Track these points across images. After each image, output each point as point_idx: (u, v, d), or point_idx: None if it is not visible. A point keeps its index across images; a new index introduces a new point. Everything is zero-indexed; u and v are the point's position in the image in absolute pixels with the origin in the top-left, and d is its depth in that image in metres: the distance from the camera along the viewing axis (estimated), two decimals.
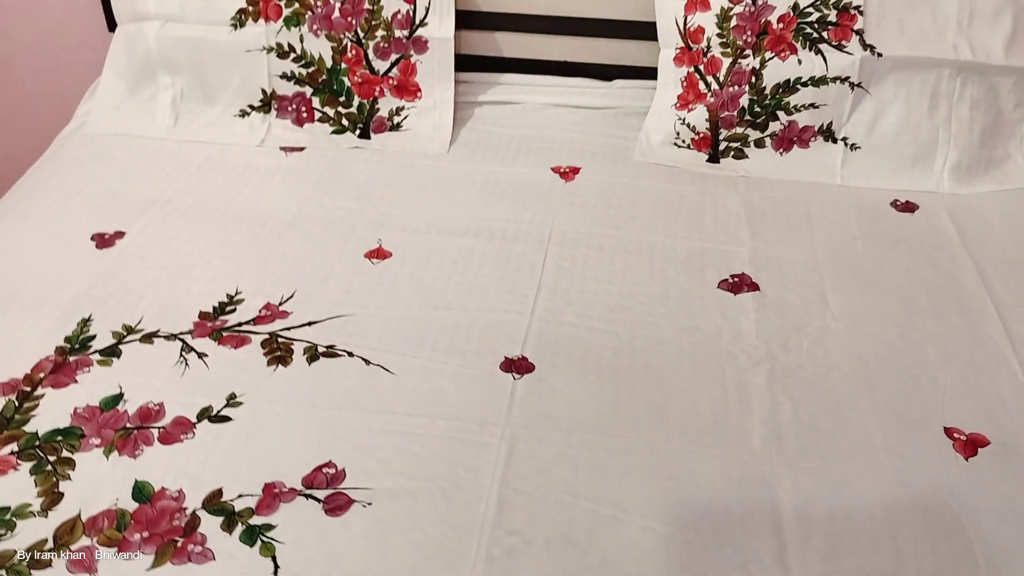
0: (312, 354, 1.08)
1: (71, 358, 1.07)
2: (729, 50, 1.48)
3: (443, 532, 0.86)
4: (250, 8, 1.52)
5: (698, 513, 0.88)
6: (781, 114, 1.49)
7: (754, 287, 1.22)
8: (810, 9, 1.45)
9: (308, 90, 1.56)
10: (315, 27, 1.52)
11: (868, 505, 0.89)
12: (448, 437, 0.96)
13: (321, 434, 0.96)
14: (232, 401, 1.01)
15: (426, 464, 0.93)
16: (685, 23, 1.51)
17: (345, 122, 1.57)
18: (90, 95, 1.68)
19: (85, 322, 1.12)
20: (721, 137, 1.52)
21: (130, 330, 1.11)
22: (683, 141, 1.53)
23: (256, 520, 0.87)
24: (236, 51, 1.53)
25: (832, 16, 1.44)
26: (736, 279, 1.24)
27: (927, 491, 0.91)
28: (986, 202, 1.44)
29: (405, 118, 1.57)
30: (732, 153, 1.52)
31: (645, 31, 1.60)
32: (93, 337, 1.10)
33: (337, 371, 1.05)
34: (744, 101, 1.49)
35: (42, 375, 1.04)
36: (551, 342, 1.10)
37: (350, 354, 1.08)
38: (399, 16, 1.53)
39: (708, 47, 1.50)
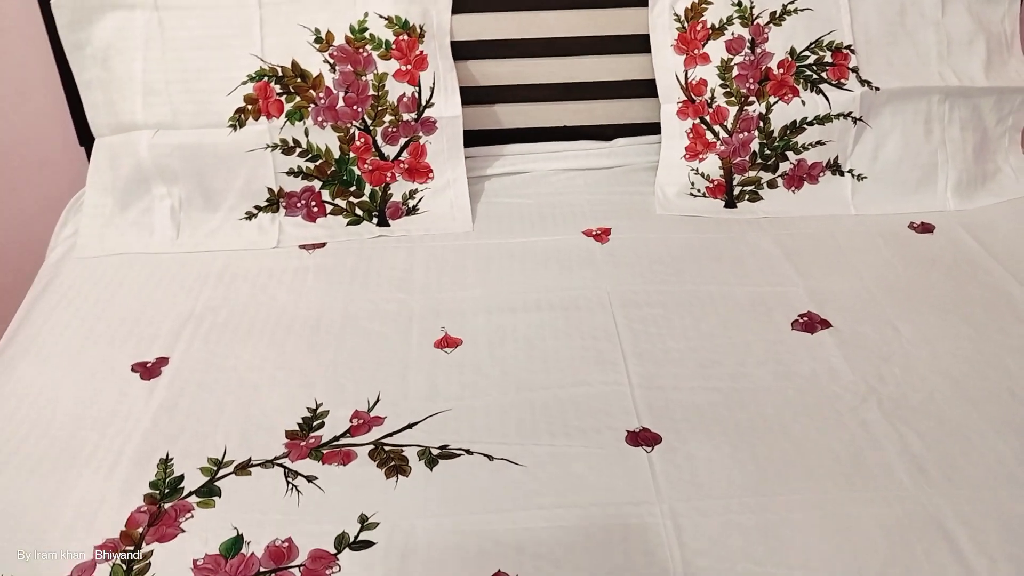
0: (429, 458, 1.02)
1: (165, 505, 0.97)
2: (734, 99, 1.53)
3: None
4: (249, 107, 1.46)
5: (882, 558, 0.87)
6: (790, 154, 1.54)
7: (826, 324, 1.24)
8: (806, 53, 1.51)
9: (317, 184, 1.51)
10: (320, 119, 1.48)
11: None
12: (609, 524, 0.92)
13: (479, 542, 0.90)
14: (367, 524, 0.94)
15: (600, 555, 0.89)
16: (686, 77, 1.55)
17: (359, 212, 1.52)
18: (68, 216, 1.57)
19: (165, 463, 1.02)
20: (735, 182, 1.55)
21: (219, 463, 1.02)
22: (698, 190, 1.56)
23: None
24: (238, 152, 1.47)
25: (828, 57, 1.51)
26: (806, 318, 1.25)
27: None
28: (991, 215, 1.52)
29: (420, 200, 1.54)
30: (748, 197, 1.56)
31: (639, 89, 1.63)
32: (181, 478, 1.01)
33: (463, 472, 1.00)
34: (755, 145, 1.54)
35: (140, 530, 0.94)
36: (663, 408, 1.08)
37: (468, 452, 1.02)
38: (404, 99, 1.51)
39: (712, 98, 1.54)
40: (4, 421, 1.08)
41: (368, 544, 0.91)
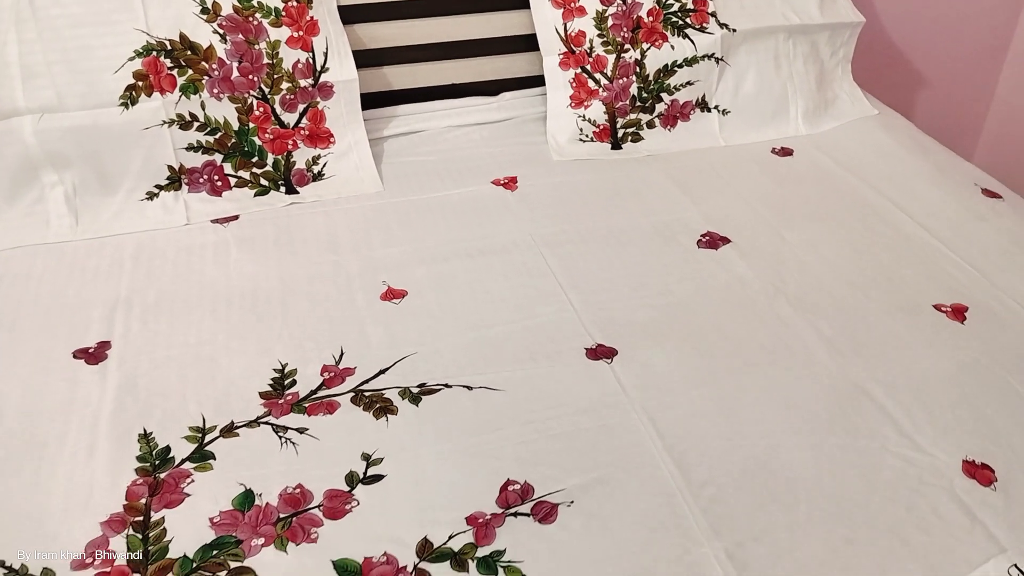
0: (411, 396, 1.07)
1: (161, 475, 0.97)
2: (611, 47, 1.65)
3: (653, 503, 0.93)
4: (140, 84, 1.42)
5: (824, 417, 1.03)
6: (664, 95, 1.69)
7: (726, 240, 1.40)
8: (671, 1, 1.65)
9: (218, 157, 1.50)
10: (215, 91, 1.47)
11: (940, 370, 1.10)
12: (594, 427, 1.02)
13: (482, 460, 0.98)
14: (371, 460, 0.99)
15: (593, 454, 0.99)
16: (566, 30, 1.66)
17: (265, 182, 1.52)
18: None
19: (146, 437, 1.02)
20: (619, 125, 1.68)
21: (202, 431, 1.03)
22: (586, 136, 1.68)
23: (483, 551, 0.88)
24: (133, 131, 1.43)
25: (689, 3, 1.66)
26: (707, 237, 1.40)
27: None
28: (836, 135, 1.74)
29: (325, 165, 1.56)
30: (631, 138, 1.69)
31: (521, 44, 1.72)
32: (168, 449, 1.01)
33: (447, 403, 1.06)
34: (633, 90, 1.67)
35: (144, 501, 0.94)
36: (610, 327, 1.19)
37: (447, 386, 1.09)
38: (300, 66, 1.52)
39: (591, 48, 1.66)
40: None
41: (379, 477, 0.96)
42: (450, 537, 0.89)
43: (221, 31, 1.46)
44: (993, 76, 2.26)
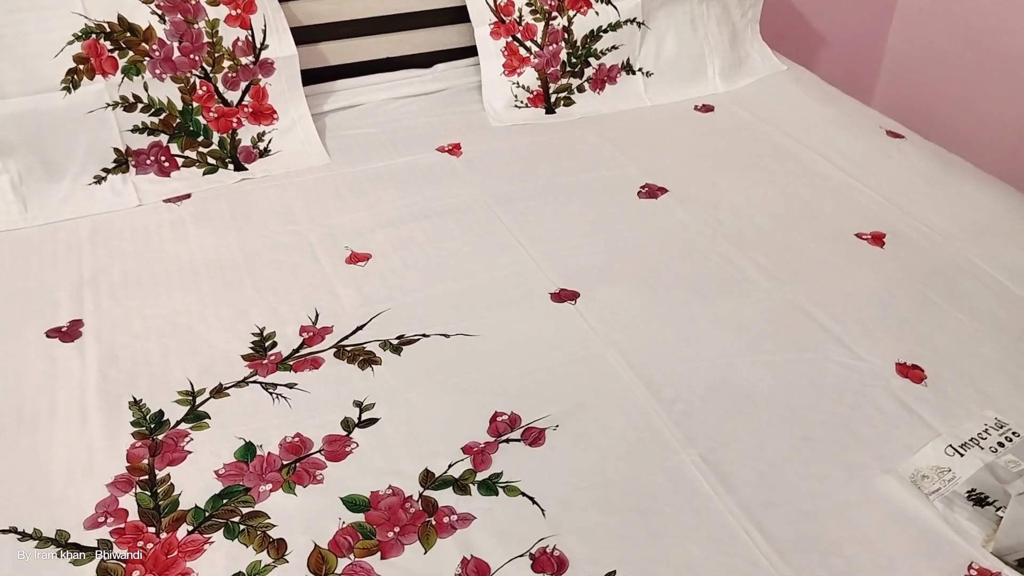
0: (392, 348, 1.13)
1: (159, 437, 1.01)
2: (539, 15, 1.73)
3: (630, 420, 1.01)
4: (81, 67, 1.43)
5: (771, 335, 1.14)
6: (592, 60, 1.78)
7: (663, 191, 1.50)
8: None
9: (164, 138, 1.51)
10: (157, 71, 1.48)
11: (868, 289, 1.22)
12: (568, 362, 1.10)
13: (469, 397, 1.05)
14: (364, 406, 1.04)
15: (571, 383, 1.07)
16: (495, 1, 1.72)
17: (212, 160, 1.54)
18: None
19: (137, 404, 1.05)
20: (551, 91, 1.76)
21: (191, 394, 1.07)
22: (521, 102, 1.76)
23: (482, 475, 0.95)
24: (76, 115, 1.43)
25: None
26: (646, 189, 1.50)
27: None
28: (751, 91, 1.87)
29: (270, 142, 1.59)
30: (563, 102, 1.78)
31: (451, 16, 1.78)
32: (161, 413, 1.04)
33: (428, 350, 1.12)
34: (563, 56, 1.75)
35: (146, 461, 0.98)
36: (569, 272, 1.27)
37: (425, 335, 1.15)
38: (240, 43, 1.54)
39: (520, 17, 1.73)
40: None
41: (373, 420, 1.02)
42: (450, 466, 0.96)
43: (159, 11, 1.47)
44: (883, 30, 2.44)
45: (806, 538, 0.88)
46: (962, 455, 0.97)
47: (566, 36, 1.74)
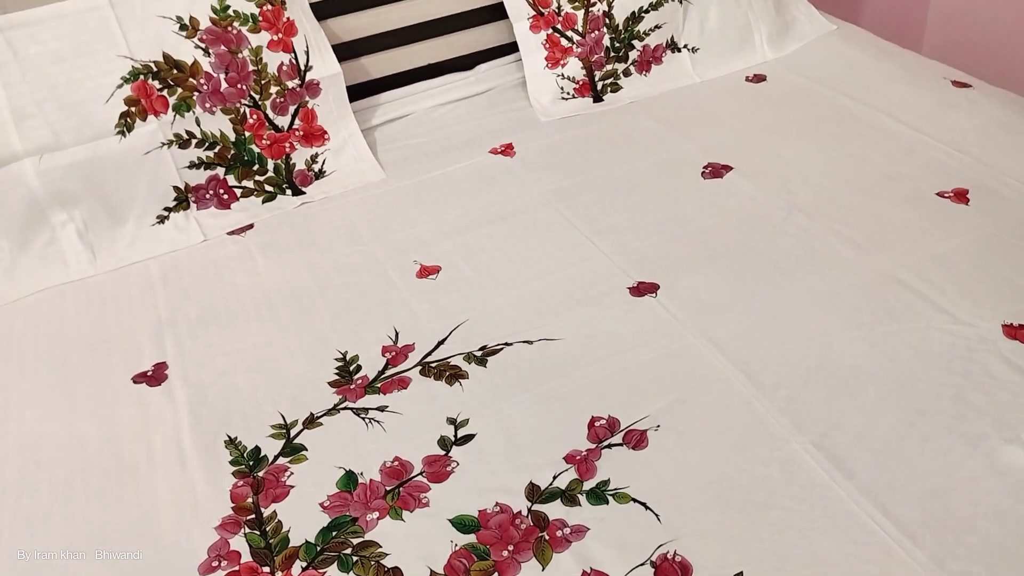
0: (477, 360, 1.12)
1: (259, 473, 1.00)
2: (579, 3, 1.69)
3: (733, 412, 0.98)
4: (132, 109, 1.43)
5: (868, 309, 1.10)
6: (635, 42, 1.74)
7: (728, 168, 1.46)
8: None
9: (220, 171, 1.51)
10: (207, 105, 1.48)
11: (960, 248, 1.17)
12: (659, 355, 1.08)
13: (562, 403, 1.03)
14: (458, 423, 1.03)
15: (665, 379, 1.04)
16: None
17: (269, 188, 1.54)
18: None
19: (232, 443, 1.05)
20: (597, 78, 1.73)
21: (285, 427, 1.06)
22: (568, 93, 1.72)
23: (589, 484, 0.93)
24: (133, 157, 1.44)
25: None
26: (709, 168, 1.46)
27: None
28: (801, 56, 1.81)
29: (324, 162, 1.58)
30: (610, 89, 1.74)
31: (488, 15, 1.75)
32: (258, 449, 1.04)
33: (513, 359, 1.11)
34: (606, 41, 1.72)
35: (250, 500, 0.97)
36: (643, 264, 1.25)
37: (507, 344, 1.13)
38: (284, 68, 1.53)
39: (559, 7, 1.70)
40: (31, 466, 1.04)
41: (470, 437, 1.00)
42: (554, 477, 0.94)
43: (203, 45, 1.47)
44: None
45: (935, 518, 0.85)
46: None
47: (607, 21, 1.70)
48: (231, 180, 1.52)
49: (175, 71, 1.45)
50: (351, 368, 1.14)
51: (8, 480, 1.03)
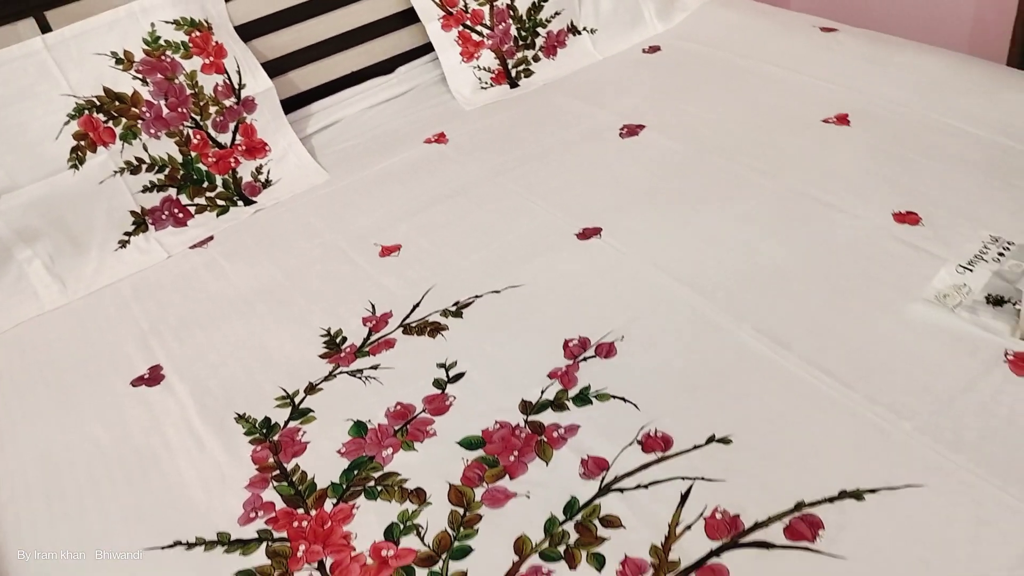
0: (453, 314, 1.24)
1: (275, 437, 1.10)
2: (482, 0, 1.84)
3: (686, 314, 1.13)
4: (82, 143, 1.51)
5: (784, 218, 1.27)
6: (540, 30, 1.90)
7: (642, 127, 1.63)
8: None
9: (173, 191, 1.59)
10: (152, 131, 1.56)
11: (849, 160, 1.36)
12: (613, 282, 1.22)
13: (537, 334, 1.16)
14: (448, 365, 1.15)
15: (623, 300, 1.19)
16: None
17: (221, 202, 1.63)
18: None
19: (243, 418, 1.14)
20: (511, 66, 1.88)
21: (288, 396, 1.16)
22: (486, 83, 1.87)
23: (572, 392, 1.06)
24: (89, 188, 1.51)
25: None
26: (626, 128, 1.63)
27: None
28: (690, 24, 2.00)
29: (269, 172, 1.68)
30: (524, 74, 1.89)
31: (401, 20, 1.89)
32: (268, 420, 1.13)
33: (485, 309, 1.23)
34: (513, 31, 1.87)
35: (271, 459, 1.07)
36: (586, 215, 1.39)
37: (478, 296, 1.26)
38: (220, 88, 1.63)
39: (465, 5, 1.84)
40: (52, 473, 1.10)
41: (461, 374, 1.13)
42: (542, 392, 1.07)
43: (140, 75, 1.56)
44: None
45: (864, 368, 1.01)
46: (971, 270, 1.11)
47: (511, 13, 1.86)
48: (184, 199, 1.60)
49: (117, 103, 1.53)
50: (337, 340, 1.24)
51: (33, 488, 1.09)
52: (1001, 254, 1.12)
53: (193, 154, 1.60)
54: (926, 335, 1.04)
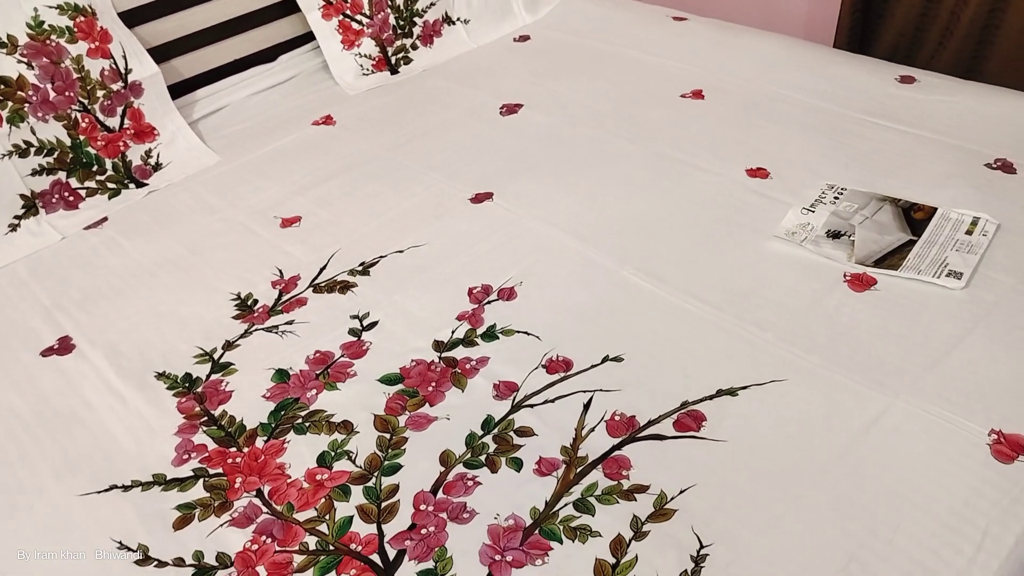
0: (360, 272, 1.33)
1: (198, 390, 1.16)
2: None
3: (575, 261, 1.27)
4: None
5: (653, 179, 1.44)
6: (416, 19, 2.01)
7: (520, 106, 1.76)
8: None
9: (63, 175, 1.60)
10: (39, 114, 1.57)
11: (705, 125, 1.54)
12: (508, 238, 1.34)
13: (443, 284, 1.26)
14: (362, 316, 1.24)
15: (518, 252, 1.31)
16: None
17: (112, 185, 1.65)
18: None
19: (163, 375, 1.19)
20: (390, 53, 1.98)
21: (206, 353, 1.22)
22: (368, 69, 1.96)
23: (480, 330, 1.18)
24: None
25: None
26: (505, 107, 1.76)
27: None
28: (555, 15, 2.16)
29: (159, 156, 1.71)
30: (403, 62, 2.00)
31: (282, 10, 1.95)
32: (189, 375, 1.18)
33: (391, 267, 1.33)
34: (391, 20, 1.97)
35: (198, 408, 1.13)
36: (477, 181, 1.51)
37: (383, 256, 1.35)
38: (106, 72, 1.65)
39: None
40: None
41: (375, 323, 1.22)
42: (452, 332, 1.18)
43: (25, 59, 1.56)
44: None
45: (731, 293, 1.18)
46: (813, 212, 1.30)
47: (390, 3, 1.95)
48: (74, 183, 1.61)
49: (3, 86, 1.53)
50: (249, 303, 1.31)
51: None
52: (836, 198, 1.32)
53: (82, 138, 1.61)
54: (780, 264, 1.22)
